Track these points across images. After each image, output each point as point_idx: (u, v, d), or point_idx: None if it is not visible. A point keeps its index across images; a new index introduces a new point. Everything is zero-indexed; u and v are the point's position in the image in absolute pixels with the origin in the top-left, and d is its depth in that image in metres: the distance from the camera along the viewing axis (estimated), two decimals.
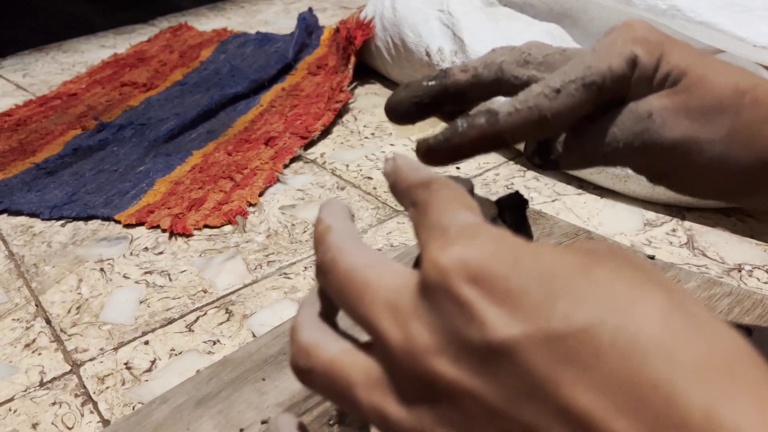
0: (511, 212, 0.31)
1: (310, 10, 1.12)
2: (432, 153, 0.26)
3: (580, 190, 0.62)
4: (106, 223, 0.63)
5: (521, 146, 0.31)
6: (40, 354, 0.47)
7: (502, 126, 0.25)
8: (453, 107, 0.29)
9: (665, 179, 0.29)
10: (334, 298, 0.20)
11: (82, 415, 0.41)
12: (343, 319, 0.20)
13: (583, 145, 0.28)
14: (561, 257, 0.16)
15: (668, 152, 0.26)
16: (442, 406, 0.16)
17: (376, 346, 0.18)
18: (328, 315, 0.21)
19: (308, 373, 0.19)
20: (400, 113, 0.29)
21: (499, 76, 0.28)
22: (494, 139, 0.26)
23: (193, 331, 0.48)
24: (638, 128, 0.26)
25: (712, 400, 0.13)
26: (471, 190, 0.28)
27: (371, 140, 0.75)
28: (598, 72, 0.26)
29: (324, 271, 0.20)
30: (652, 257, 0.44)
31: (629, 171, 0.58)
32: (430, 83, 0.29)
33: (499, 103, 0.26)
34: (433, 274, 0.17)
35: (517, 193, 0.31)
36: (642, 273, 0.16)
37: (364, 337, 0.19)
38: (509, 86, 0.29)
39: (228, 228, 0.60)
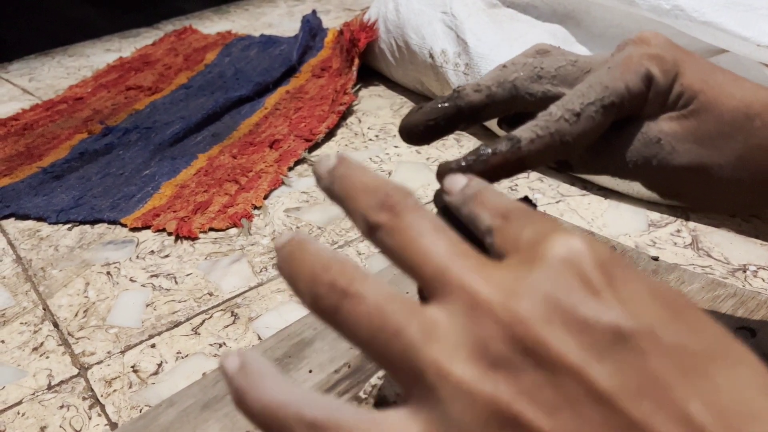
0: None
1: (314, 12, 1.12)
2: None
3: (585, 191, 0.62)
4: (113, 226, 0.63)
5: None
6: (47, 357, 0.47)
7: (525, 153, 0.25)
8: (467, 125, 0.29)
9: (677, 197, 0.29)
10: (395, 241, 0.18)
11: (90, 418, 0.41)
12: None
13: (597, 157, 0.28)
14: (664, 286, 0.17)
15: (678, 175, 0.27)
16: (534, 378, 0.15)
17: (448, 301, 0.16)
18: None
19: (348, 298, 0.17)
20: (416, 135, 0.29)
21: (513, 93, 0.29)
22: (516, 165, 0.26)
23: (199, 334, 0.48)
24: (648, 153, 0.27)
25: None
26: None
27: (375, 142, 0.76)
28: (616, 93, 0.26)
29: (394, 213, 0.18)
30: (656, 258, 0.45)
31: None
32: (443, 105, 0.29)
33: (520, 129, 0.26)
34: (564, 251, 0.16)
35: (526, 198, 0.31)
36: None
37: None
38: (524, 102, 0.29)
39: (233, 231, 0.61)
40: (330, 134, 0.78)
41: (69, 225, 0.64)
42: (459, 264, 0.17)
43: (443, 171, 0.26)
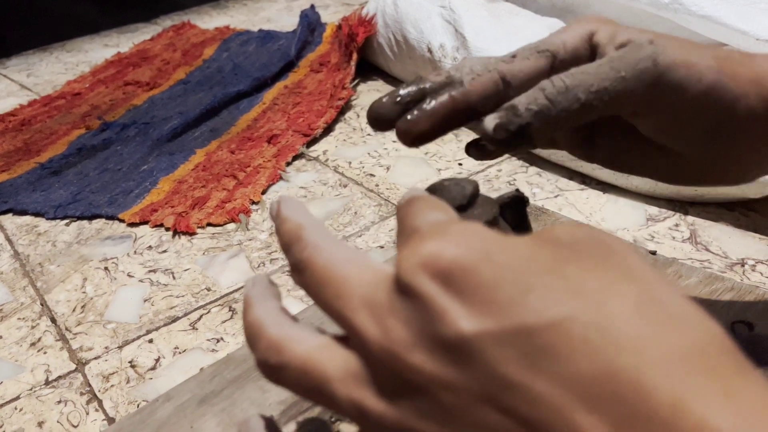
0: (512, 210, 0.31)
1: (313, 7, 1.12)
2: (404, 135, 0.27)
3: (583, 186, 0.62)
4: (110, 222, 0.63)
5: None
6: (45, 353, 0.47)
7: (469, 90, 0.27)
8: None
9: (666, 134, 0.29)
10: (311, 295, 0.20)
11: (87, 414, 0.41)
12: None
13: (561, 98, 0.27)
14: (533, 251, 0.16)
15: (669, 79, 0.27)
16: (421, 400, 0.16)
17: (353, 342, 0.18)
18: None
19: (280, 370, 0.19)
20: (381, 121, 0.29)
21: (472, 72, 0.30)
22: (465, 109, 0.27)
23: (196, 329, 0.48)
24: (643, 54, 0.27)
25: (680, 393, 0.14)
26: (476, 190, 0.28)
27: (374, 137, 0.75)
28: (551, 43, 0.28)
29: (301, 269, 0.20)
30: (653, 252, 0.44)
31: None
32: (408, 90, 0.29)
33: (460, 74, 0.28)
34: (402, 274, 0.17)
35: (517, 191, 0.31)
36: (615, 266, 0.16)
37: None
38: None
39: (231, 226, 0.61)
40: (328, 129, 0.78)
41: (67, 220, 0.64)
42: (349, 306, 0.18)
43: (399, 129, 0.27)
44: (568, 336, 0.15)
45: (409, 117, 0.27)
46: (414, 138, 0.27)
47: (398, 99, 0.28)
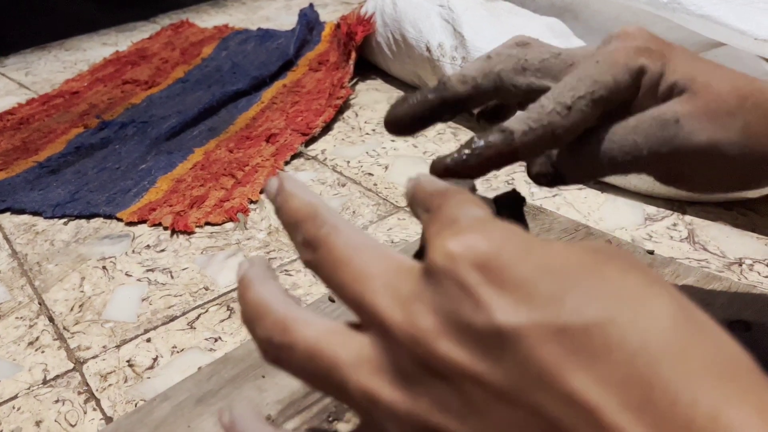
0: (509, 210, 0.31)
1: (311, 6, 1.11)
2: (449, 172, 0.27)
3: (581, 185, 0.62)
4: (109, 221, 0.63)
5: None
6: (43, 352, 0.47)
7: (518, 145, 0.26)
8: (452, 116, 0.30)
9: (681, 181, 0.29)
10: (322, 275, 0.19)
11: (85, 413, 0.41)
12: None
13: (594, 156, 0.28)
14: (571, 252, 0.16)
15: (693, 156, 0.27)
16: (441, 390, 0.16)
17: (369, 327, 0.18)
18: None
19: (285, 350, 0.18)
20: (400, 127, 0.30)
21: (498, 85, 0.29)
22: (509, 157, 0.26)
23: (194, 328, 0.48)
24: (667, 134, 0.26)
25: (717, 403, 0.14)
26: (473, 189, 0.28)
27: (372, 136, 0.75)
28: (605, 86, 0.26)
29: (315, 246, 0.19)
30: (651, 252, 0.44)
31: None
32: (429, 96, 0.29)
33: (512, 120, 0.26)
34: (440, 259, 0.17)
35: (514, 190, 0.31)
36: (648, 276, 0.16)
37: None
38: (508, 94, 0.29)
39: (229, 225, 0.61)
40: (327, 128, 0.78)
41: (65, 219, 0.64)
42: (369, 289, 0.18)
43: (438, 167, 0.26)
44: (608, 337, 0.15)
45: (456, 156, 0.26)
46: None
47: (417, 114, 0.29)
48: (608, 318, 0.15)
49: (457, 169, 0.26)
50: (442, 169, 0.27)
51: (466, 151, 0.26)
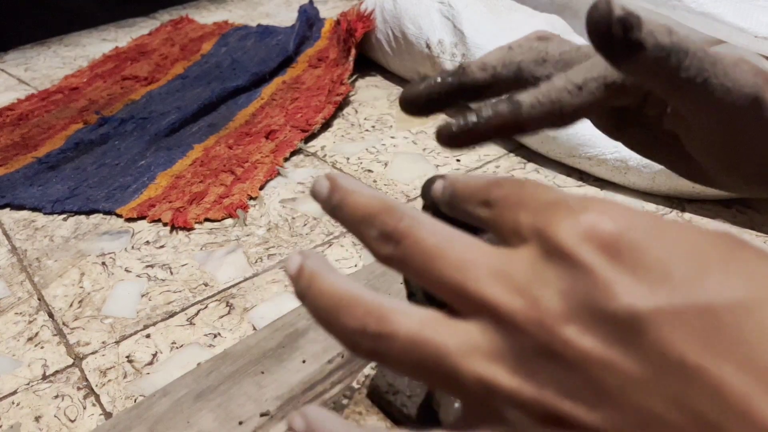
0: None
1: (311, 2, 1.11)
2: (454, 139, 0.27)
3: (581, 182, 0.62)
4: (108, 217, 0.63)
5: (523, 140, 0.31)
6: (42, 347, 0.47)
7: (525, 117, 0.26)
8: (466, 102, 0.30)
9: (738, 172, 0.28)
10: (409, 267, 0.18)
11: (85, 408, 0.42)
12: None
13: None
14: (702, 234, 0.16)
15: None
16: (566, 377, 0.15)
17: (475, 315, 0.17)
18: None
19: (384, 340, 0.17)
20: (416, 106, 0.29)
21: (517, 75, 0.29)
22: (514, 128, 0.26)
23: (194, 324, 0.48)
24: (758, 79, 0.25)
25: None
26: None
27: (372, 133, 0.75)
28: (620, 74, 0.26)
29: (396, 239, 0.18)
30: None
31: (629, 163, 0.58)
32: (448, 79, 0.29)
33: (522, 93, 0.26)
34: (559, 241, 0.16)
35: None
36: None
37: None
38: (527, 85, 0.29)
39: (229, 221, 0.61)
40: (326, 125, 0.78)
41: (64, 215, 0.64)
42: (473, 277, 0.17)
43: (443, 132, 0.26)
44: (753, 319, 0.14)
45: (462, 122, 0.26)
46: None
47: (433, 95, 0.28)
48: (753, 298, 0.14)
49: (462, 136, 0.26)
50: (446, 134, 0.26)
51: (473, 118, 0.26)
